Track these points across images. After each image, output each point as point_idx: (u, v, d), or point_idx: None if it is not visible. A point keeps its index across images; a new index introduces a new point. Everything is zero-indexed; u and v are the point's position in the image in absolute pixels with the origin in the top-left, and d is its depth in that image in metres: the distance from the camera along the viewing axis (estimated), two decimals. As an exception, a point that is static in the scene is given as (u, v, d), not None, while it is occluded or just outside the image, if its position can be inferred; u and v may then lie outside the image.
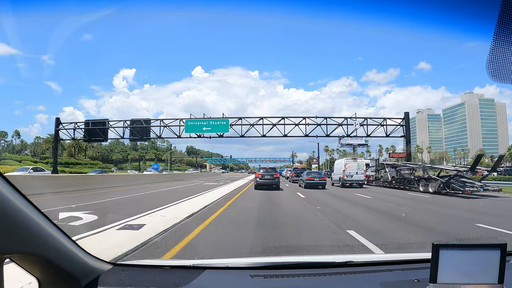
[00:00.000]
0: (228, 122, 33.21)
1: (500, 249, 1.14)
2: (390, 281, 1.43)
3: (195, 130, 33.66)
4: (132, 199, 12.71)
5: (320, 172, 22.71)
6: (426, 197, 15.80)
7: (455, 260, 1.14)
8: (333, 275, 1.59)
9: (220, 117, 33.78)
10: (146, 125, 37.89)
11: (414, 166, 24.22)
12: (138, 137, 38.54)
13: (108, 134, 40.34)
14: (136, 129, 38.52)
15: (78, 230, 5.77)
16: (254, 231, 6.26)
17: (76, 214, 7.64)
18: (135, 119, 39.74)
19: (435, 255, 1.14)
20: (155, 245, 4.87)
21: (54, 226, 1.11)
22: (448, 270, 1.14)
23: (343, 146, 70.35)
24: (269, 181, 18.36)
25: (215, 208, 9.97)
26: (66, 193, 14.08)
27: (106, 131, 40.00)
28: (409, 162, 29.83)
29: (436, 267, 1.14)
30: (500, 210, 11.06)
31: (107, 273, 1.41)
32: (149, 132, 38.16)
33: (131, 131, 38.81)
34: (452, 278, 1.15)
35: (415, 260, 1.75)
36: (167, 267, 1.62)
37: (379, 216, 8.82)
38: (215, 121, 33.32)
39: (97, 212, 8.16)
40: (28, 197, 0.98)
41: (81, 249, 1.29)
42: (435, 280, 1.15)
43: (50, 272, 1.12)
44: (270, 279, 1.52)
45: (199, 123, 33.47)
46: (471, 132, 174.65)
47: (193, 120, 33.95)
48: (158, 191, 17.17)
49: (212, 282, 1.48)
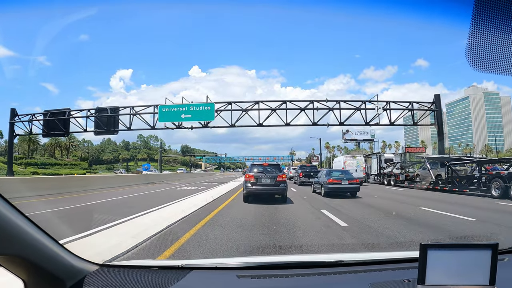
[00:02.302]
0: (214, 108, 25.65)
1: (491, 249, 1.10)
2: (379, 282, 1.39)
3: (171, 118, 26.16)
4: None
5: (348, 171, 15.27)
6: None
7: (444, 261, 1.10)
8: (322, 275, 1.55)
9: (204, 102, 26.20)
10: (113, 114, 30.34)
11: (474, 160, 17.57)
12: (104, 129, 30.93)
13: (70, 127, 32.95)
14: (102, 120, 30.96)
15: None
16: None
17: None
18: (101, 107, 32.15)
19: (423, 255, 1.10)
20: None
21: (38, 229, 1.11)
22: (437, 271, 1.10)
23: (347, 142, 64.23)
24: (269, 188, 10.81)
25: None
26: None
27: (67, 123, 32.43)
28: (465, 156, 23.57)
29: (424, 268, 1.10)
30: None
31: (93, 274, 1.38)
32: (117, 123, 30.60)
33: (95, 122, 31.30)
34: (441, 279, 1.10)
35: (406, 259, 1.70)
36: (154, 267, 1.61)
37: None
38: (196, 106, 25.79)
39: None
40: (9, 201, 0.98)
41: (67, 250, 1.28)
42: (423, 281, 1.10)
43: (35, 274, 1.12)
44: (258, 280, 1.49)
45: (176, 109, 25.94)
46: (476, 127, 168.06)
47: (169, 106, 26.40)
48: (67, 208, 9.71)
49: (198, 283, 1.46)
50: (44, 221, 6.36)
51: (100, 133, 32.12)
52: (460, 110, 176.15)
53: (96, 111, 31.64)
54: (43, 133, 34.53)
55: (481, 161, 16.45)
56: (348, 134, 59.23)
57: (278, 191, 10.88)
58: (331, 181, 12.70)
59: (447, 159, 18.54)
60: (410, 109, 28.48)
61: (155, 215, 7.50)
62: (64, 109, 32.81)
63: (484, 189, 13.66)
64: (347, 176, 13.23)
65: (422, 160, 21.49)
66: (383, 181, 25.00)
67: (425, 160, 20.22)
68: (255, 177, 10.81)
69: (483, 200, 12.31)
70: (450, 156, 22.05)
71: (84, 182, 20.03)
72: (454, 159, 18.55)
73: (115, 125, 30.75)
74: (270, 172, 11.01)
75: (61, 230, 5.41)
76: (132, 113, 29.14)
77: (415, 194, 15.15)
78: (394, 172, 23.36)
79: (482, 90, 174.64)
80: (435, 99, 28.97)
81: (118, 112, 30.49)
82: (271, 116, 26.89)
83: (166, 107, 26.20)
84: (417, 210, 9.12)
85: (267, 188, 10.79)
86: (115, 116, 30.50)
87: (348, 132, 58.96)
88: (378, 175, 26.46)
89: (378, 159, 26.95)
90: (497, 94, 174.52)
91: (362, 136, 59.99)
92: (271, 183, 10.77)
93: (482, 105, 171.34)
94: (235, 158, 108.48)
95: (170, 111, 25.94)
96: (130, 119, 29.18)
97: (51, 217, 7.45)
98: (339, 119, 27.20)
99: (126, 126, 29.69)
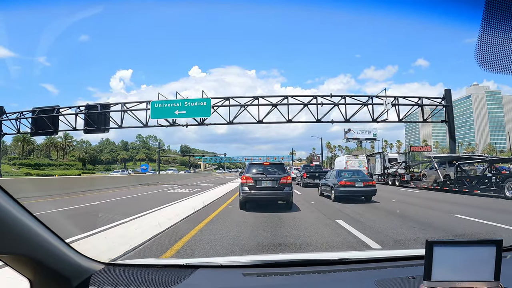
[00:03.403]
0: (210, 103, 23.73)
1: (495, 245, 1.10)
2: (385, 279, 1.37)
3: (164, 115, 24.21)
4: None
5: (361, 171, 13.46)
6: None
7: (449, 257, 1.10)
8: (327, 273, 1.53)
9: (199, 97, 24.30)
10: (104, 110, 28.47)
11: (486, 159, 16.84)
12: (94, 127, 29.03)
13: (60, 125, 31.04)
14: (92, 117, 29.08)
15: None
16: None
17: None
18: (91, 104, 30.23)
19: (429, 252, 1.10)
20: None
21: (45, 228, 1.11)
22: (442, 267, 1.10)
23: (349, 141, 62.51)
24: (270, 193, 8.88)
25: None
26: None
27: (56, 121, 30.56)
28: (475, 155, 22.21)
29: (430, 264, 1.10)
30: None
31: (99, 273, 1.36)
32: (108, 121, 28.72)
33: (85, 120, 29.41)
34: (446, 275, 1.10)
35: (411, 257, 1.68)
36: (160, 266, 1.58)
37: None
38: (191, 102, 23.83)
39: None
40: (18, 200, 0.98)
41: (73, 249, 1.27)
42: (429, 277, 1.10)
43: (41, 273, 1.11)
44: (263, 277, 1.47)
45: (169, 105, 24.02)
46: (478, 126, 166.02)
47: (162, 101, 24.50)
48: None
49: (204, 281, 1.44)
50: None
51: (90, 131, 30.13)
52: (462, 109, 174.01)
53: (86, 108, 29.73)
54: (31, 132, 32.72)
55: (493, 160, 15.48)
56: (350, 133, 57.55)
57: (282, 197, 8.94)
58: (343, 183, 10.80)
59: (456, 158, 17.36)
60: (420, 104, 26.58)
61: (117, 233, 5.63)
62: (53, 106, 30.96)
63: (497, 190, 12.80)
64: (362, 178, 11.34)
65: (429, 159, 20.61)
66: (387, 181, 23.88)
67: (432, 160, 19.16)
68: (254, 179, 8.86)
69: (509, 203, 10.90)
70: (459, 155, 20.66)
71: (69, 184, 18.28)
72: (464, 158, 17.41)
73: (106, 122, 28.88)
74: (272, 173, 9.07)
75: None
76: (124, 109, 27.24)
77: (433, 197, 13.36)
78: (399, 172, 22.38)
79: (484, 89, 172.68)
80: (446, 94, 27.11)
81: (109, 108, 28.61)
82: (271, 113, 25.08)
83: (159, 103, 24.29)
84: (458, 220, 7.30)
85: (268, 193, 8.87)
86: (105, 113, 28.64)
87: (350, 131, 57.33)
88: (382, 175, 25.25)
89: (382, 159, 25.93)
90: (499, 93, 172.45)
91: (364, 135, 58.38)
92: (273, 187, 8.83)
93: (484, 104, 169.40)
94: (235, 158, 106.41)
95: (163, 107, 24.02)
96: (122, 116, 27.29)
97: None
98: (345, 116, 25.29)
99: (118, 124, 27.79)
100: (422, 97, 27.15)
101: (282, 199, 9.02)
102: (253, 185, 8.79)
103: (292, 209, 8.80)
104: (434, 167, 18.13)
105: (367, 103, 25.18)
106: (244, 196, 8.79)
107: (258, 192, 8.79)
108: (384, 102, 24.60)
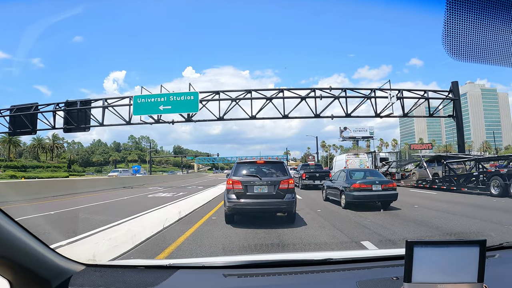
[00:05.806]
0: (198, 97, 21.49)
1: (479, 245, 1.06)
2: (367, 279, 1.33)
3: (148, 110, 21.97)
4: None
5: (376, 171, 11.53)
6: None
7: (431, 258, 1.06)
8: (310, 274, 1.47)
9: (186, 91, 22.06)
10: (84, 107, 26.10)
11: (472, 158, 17.16)
12: (74, 125, 26.67)
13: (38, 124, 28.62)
14: (72, 115, 26.73)
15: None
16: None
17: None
18: (71, 100, 27.82)
19: (409, 253, 1.06)
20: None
21: (23, 230, 1.11)
22: (423, 269, 1.06)
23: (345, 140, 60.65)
24: (266, 202, 6.52)
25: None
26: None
27: (34, 120, 28.18)
28: (463, 154, 21.94)
29: (411, 265, 1.06)
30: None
31: (79, 274, 1.35)
32: (88, 119, 26.37)
33: (65, 118, 27.04)
34: (428, 276, 1.06)
35: (395, 257, 1.62)
36: (141, 267, 1.54)
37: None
38: (177, 96, 21.58)
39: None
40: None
41: (53, 251, 1.26)
42: (409, 279, 1.07)
43: (21, 274, 1.10)
44: (244, 278, 1.43)
45: (153, 100, 21.78)
46: (473, 124, 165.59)
47: (145, 96, 22.26)
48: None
49: (184, 282, 1.42)
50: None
51: (70, 130, 27.78)
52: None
53: (66, 104, 27.36)
54: (9, 132, 30.27)
55: (479, 159, 15.70)
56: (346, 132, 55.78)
57: (282, 207, 6.64)
58: (357, 186, 8.63)
59: (444, 157, 18.02)
60: (427, 97, 24.70)
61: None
62: (31, 104, 28.56)
63: (483, 188, 13.12)
64: (380, 179, 9.19)
65: (418, 158, 21.18)
66: None
67: (421, 159, 19.68)
68: (244, 183, 6.57)
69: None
70: (447, 154, 21.83)
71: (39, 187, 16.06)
72: (451, 157, 17.92)
73: (87, 120, 26.57)
74: (269, 176, 6.80)
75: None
76: (105, 105, 24.92)
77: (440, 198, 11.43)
78: (390, 171, 22.84)
79: (480, 87, 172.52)
80: (453, 86, 25.27)
81: (90, 105, 26.28)
82: (265, 109, 22.88)
83: (142, 98, 22.05)
84: (502, 229, 5.28)
85: (263, 202, 6.57)
86: (86, 110, 26.31)
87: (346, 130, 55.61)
88: None
89: (373, 158, 25.82)
90: (494, 91, 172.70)
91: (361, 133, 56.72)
92: (271, 194, 6.51)
93: (479, 101, 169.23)
94: (228, 158, 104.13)
95: (147, 102, 21.77)
96: (103, 113, 24.97)
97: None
98: (346, 110, 23.26)
99: (99, 122, 25.47)
100: (428, 90, 25.34)
101: (282, 210, 6.80)
102: (242, 191, 6.51)
103: (295, 223, 6.64)
104: (424, 166, 18.35)
105: (370, 96, 23.18)
106: (230, 207, 6.53)
107: (249, 202, 6.52)
108: (388, 95, 22.59)
